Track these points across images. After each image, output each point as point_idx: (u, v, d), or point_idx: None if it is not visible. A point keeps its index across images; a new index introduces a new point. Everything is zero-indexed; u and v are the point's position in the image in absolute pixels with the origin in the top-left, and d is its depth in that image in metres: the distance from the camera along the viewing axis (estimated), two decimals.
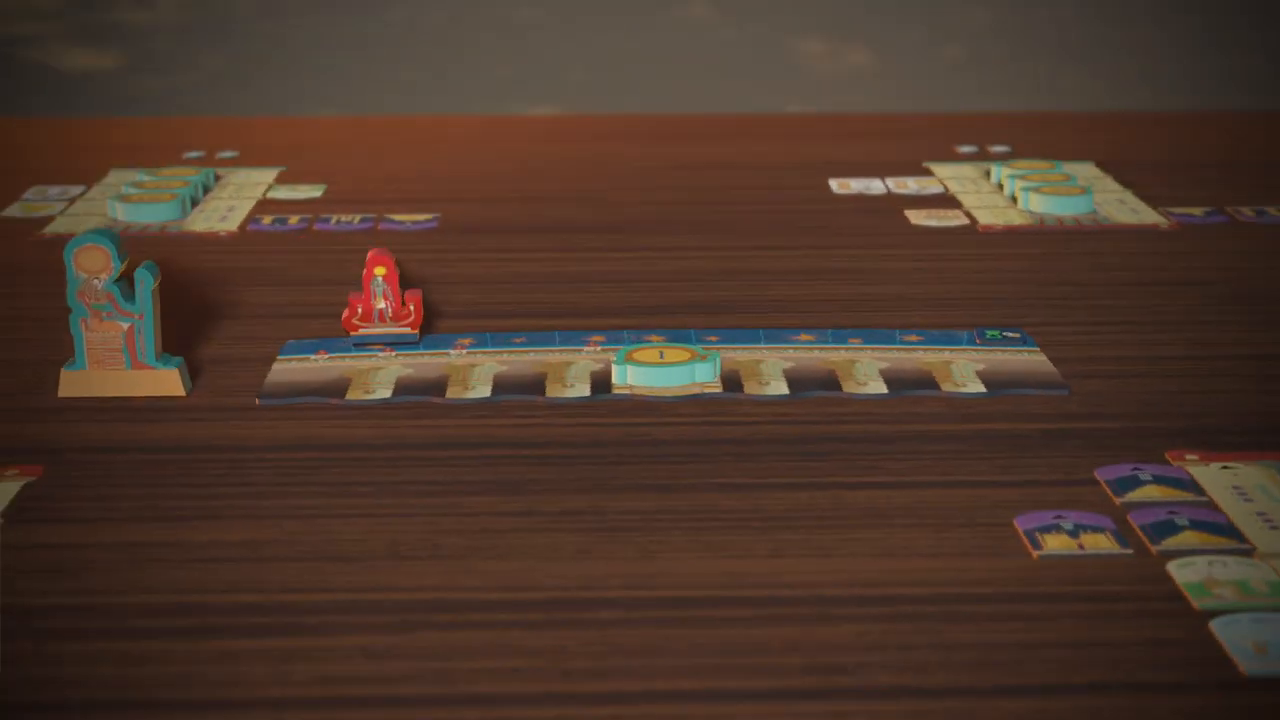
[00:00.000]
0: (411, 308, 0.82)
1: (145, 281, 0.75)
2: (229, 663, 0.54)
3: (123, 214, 1.06)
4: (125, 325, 0.76)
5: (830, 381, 0.78)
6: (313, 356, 0.81)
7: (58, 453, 0.71)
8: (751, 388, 0.77)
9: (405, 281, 0.84)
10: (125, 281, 0.76)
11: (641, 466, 0.69)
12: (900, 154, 1.26)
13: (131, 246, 1.01)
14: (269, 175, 1.18)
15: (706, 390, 0.77)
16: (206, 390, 0.78)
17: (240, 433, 0.73)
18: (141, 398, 0.77)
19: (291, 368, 0.80)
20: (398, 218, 1.07)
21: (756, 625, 0.56)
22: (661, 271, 0.97)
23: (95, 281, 0.75)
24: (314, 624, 0.56)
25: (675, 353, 0.79)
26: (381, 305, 0.82)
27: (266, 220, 1.07)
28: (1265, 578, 0.59)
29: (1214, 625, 0.56)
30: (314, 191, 1.14)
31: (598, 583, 0.59)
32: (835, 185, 1.16)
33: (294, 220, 1.07)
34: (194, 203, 1.10)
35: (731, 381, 0.78)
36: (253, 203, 1.11)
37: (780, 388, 0.77)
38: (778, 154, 1.29)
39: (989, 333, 0.84)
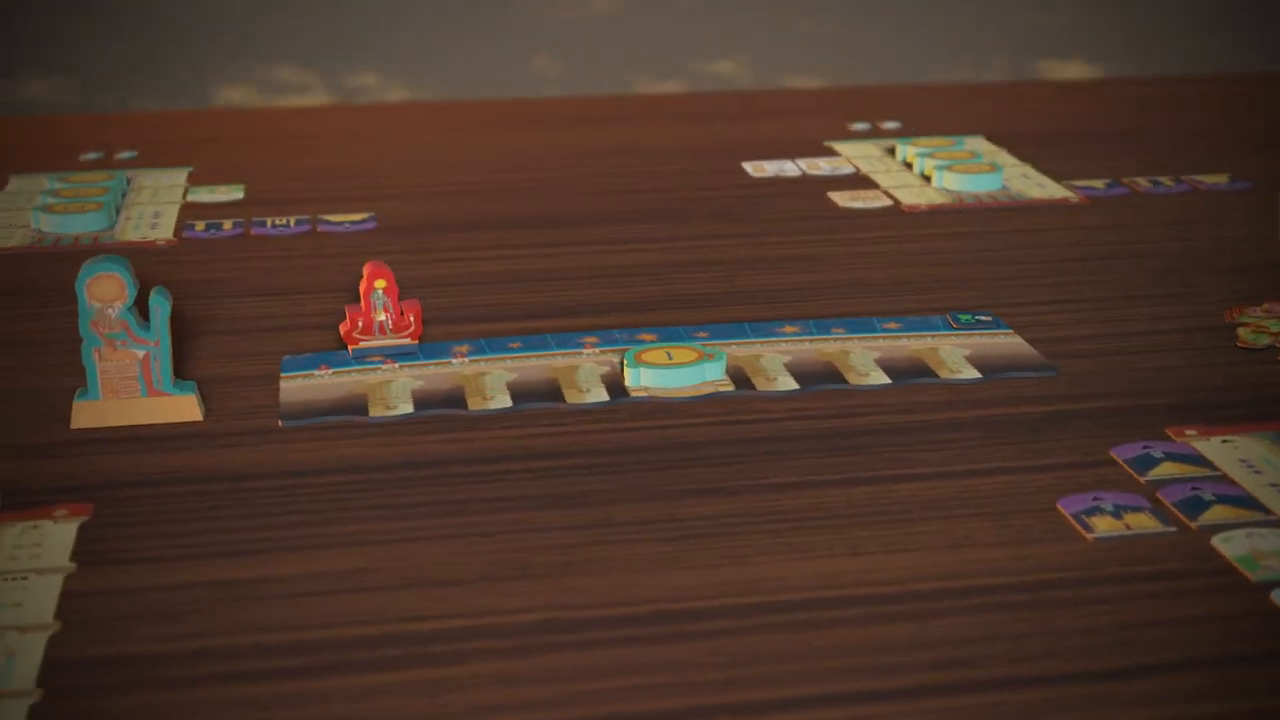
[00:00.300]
0: (411, 319, 0.82)
1: (161, 308, 0.74)
2: (381, 697, 0.55)
3: (48, 225, 1.03)
4: (141, 353, 0.75)
5: (833, 374, 0.81)
6: (316, 372, 0.81)
7: (97, 488, 0.70)
8: (761, 384, 0.80)
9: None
10: (136, 307, 0.75)
11: (690, 470, 0.71)
12: (795, 133, 1.30)
13: (60, 260, 0.99)
14: (180, 176, 1.16)
15: (720, 389, 0.79)
16: (219, 413, 0.77)
17: (278, 457, 0.73)
18: (159, 425, 0.76)
19: (300, 385, 0.79)
20: (333, 219, 1.07)
21: (869, 624, 0.59)
22: (616, 266, 0.98)
23: (109, 310, 0.74)
24: (444, 653, 0.57)
25: (682, 353, 0.81)
26: (382, 318, 0.82)
27: (199, 226, 1.05)
28: None
29: (1276, 596, 0.61)
30: (235, 193, 1.12)
31: (700, 592, 0.61)
32: (750, 168, 1.19)
33: (228, 225, 1.05)
34: (117, 210, 1.07)
35: (740, 379, 0.80)
36: (175, 207, 1.09)
37: (789, 382, 0.80)
38: (675, 136, 1.31)
39: (961, 316, 0.88)
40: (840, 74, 1.56)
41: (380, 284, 0.81)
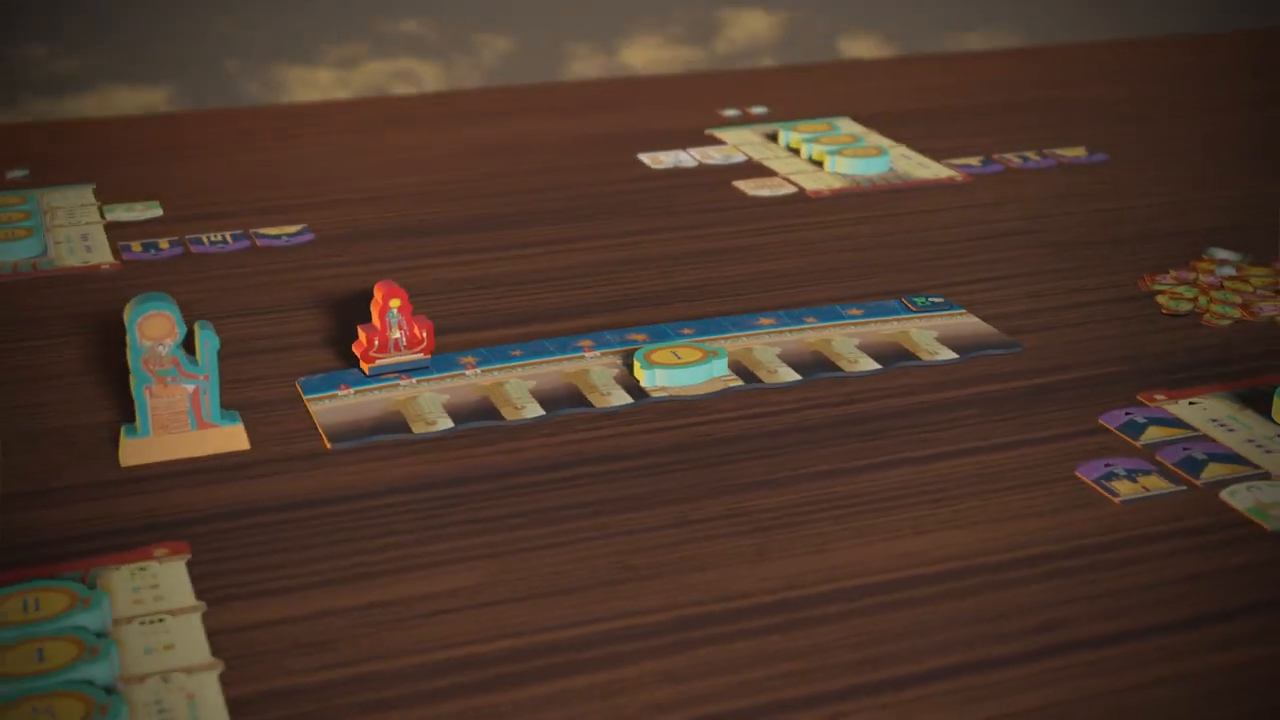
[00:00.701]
0: (424, 335, 0.85)
1: (211, 343, 0.76)
2: (557, 707, 0.59)
3: None
4: (190, 387, 0.76)
5: (825, 362, 0.87)
6: (338, 392, 0.83)
7: (180, 525, 0.71)
8: (765, 376, 0.85)
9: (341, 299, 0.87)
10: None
11: (737, 465, 0.77)
12: (667, 122, 1.35)
13: (14, 290, 0.98)
14: (86, 194, 1.15)
15: (730, 385, 0.84)
16: (256, 439, 0.79)
17: (342, 480, 0.75)
18: (209, 456, 0.77)
19: (331, 407, 0.82)
20: (269, 232, 1.08)
21: (959, 598, 0.66)
22: (565, 268, 1.02)
23: (160, 348, 0.75)
24: (600, 657, 0.62)
25: (687, 351, 0.86)
26: (396, 335, 0.84)
27: (136, 247, 1.05)
28: None
29: None
30: (153, 209, 1.12)
31: (799, 580, 0.67)
32: (648, 160, 1.24)
33: (165, 245, 1.05)
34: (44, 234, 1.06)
35: (743, 372, 0.86)
36: (99, 228, 1.08)
37: (790, 373, 0.86)
38: (549, 130, 1.35)
39: (916, 299, 0.95)
40: (532, 25, 1.58)
41: (395, 303, 0.84)
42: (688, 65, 1.57)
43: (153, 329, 0.75)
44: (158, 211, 1.12)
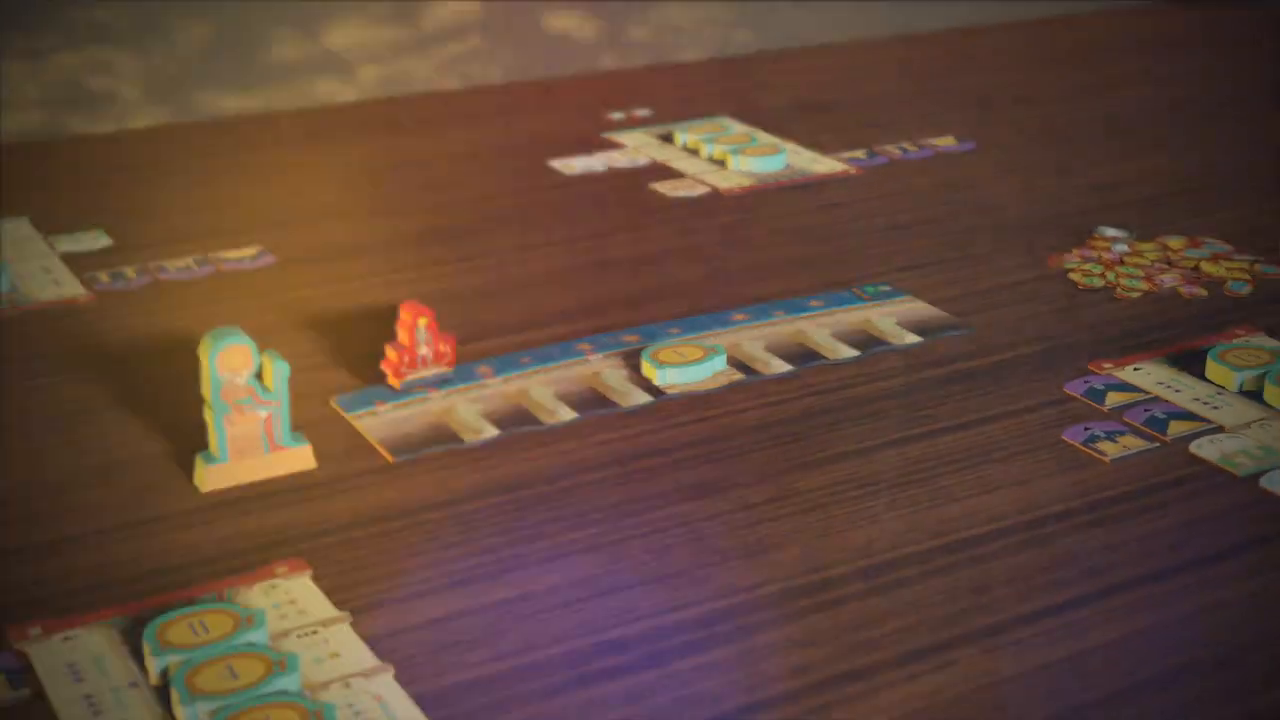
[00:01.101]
0: (448, 349, 0.91)
1: (282, 370, 0.80)
2: (707, 678, 0.66)
3: None
4: (264, 414, 0.81)
5: (810, 352, 0.96)
6: (376, 409, 0.88)
7: (286, 543, 0.76)
8: (761, 368, 0.93)
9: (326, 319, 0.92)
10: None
11: (766, 452, 0.85)
12: (559, 127, 1.42)
13: None
14: (24, 226, 1.16)
15: (734, 379, 0.92)
16: (321, 459, 0.84)
17: (419, 490, 0.81)
18: (283, 477, 0.82)
19: (377, 423, 0.87)
20: (230, 256, 1.11)
21: (1017, 552, 0.75)
22: (530, 275, 1.09)
23: (237, 379, 0.79)
24: (727, 631, 0.69)
25: (690, 350, 0.94)
26: (424, 351, 0.90)
27: (104, 278, 1.07)
28: (1255, 443, 0.85)
29: (1263, 482, 0.81)
30: (101, 239, 1.14)
31: (868, 550, 0.75)
32: (560, 166, 1.31)
33: (132, 274, 1.08)
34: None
35: (742, 367, 0.93)
36: (55, 260, 1.10)
37: (782, 364, 0.94)
38: (459, 139, 1.40)
39: (867, 289, 1.04)
40: (230, 7, 1.57)
41: (423, 321, 0.89)
42: (395, 45, 1.63)
43: (231, 361, 0.79)
44: (106, 241, 1.14)
